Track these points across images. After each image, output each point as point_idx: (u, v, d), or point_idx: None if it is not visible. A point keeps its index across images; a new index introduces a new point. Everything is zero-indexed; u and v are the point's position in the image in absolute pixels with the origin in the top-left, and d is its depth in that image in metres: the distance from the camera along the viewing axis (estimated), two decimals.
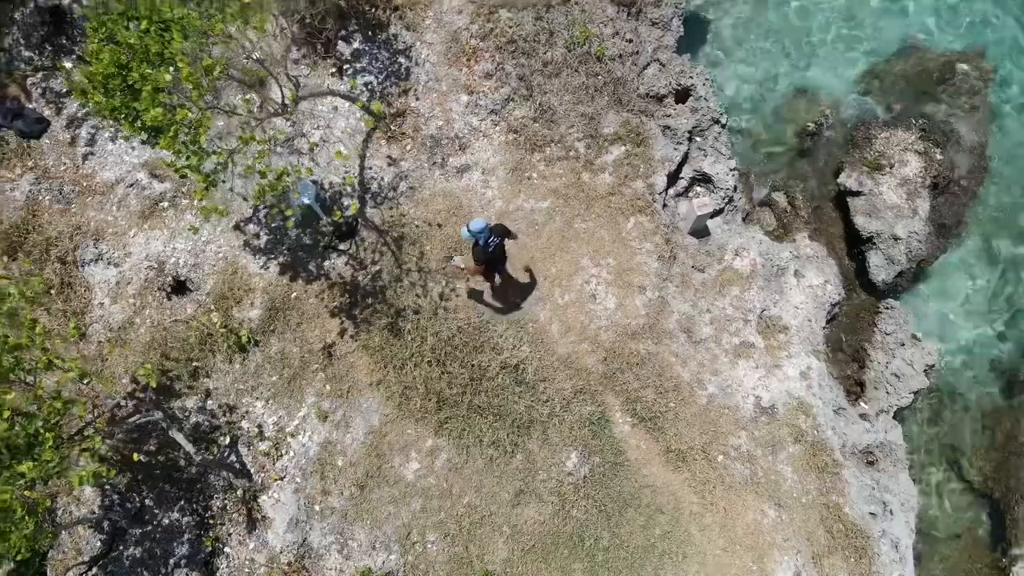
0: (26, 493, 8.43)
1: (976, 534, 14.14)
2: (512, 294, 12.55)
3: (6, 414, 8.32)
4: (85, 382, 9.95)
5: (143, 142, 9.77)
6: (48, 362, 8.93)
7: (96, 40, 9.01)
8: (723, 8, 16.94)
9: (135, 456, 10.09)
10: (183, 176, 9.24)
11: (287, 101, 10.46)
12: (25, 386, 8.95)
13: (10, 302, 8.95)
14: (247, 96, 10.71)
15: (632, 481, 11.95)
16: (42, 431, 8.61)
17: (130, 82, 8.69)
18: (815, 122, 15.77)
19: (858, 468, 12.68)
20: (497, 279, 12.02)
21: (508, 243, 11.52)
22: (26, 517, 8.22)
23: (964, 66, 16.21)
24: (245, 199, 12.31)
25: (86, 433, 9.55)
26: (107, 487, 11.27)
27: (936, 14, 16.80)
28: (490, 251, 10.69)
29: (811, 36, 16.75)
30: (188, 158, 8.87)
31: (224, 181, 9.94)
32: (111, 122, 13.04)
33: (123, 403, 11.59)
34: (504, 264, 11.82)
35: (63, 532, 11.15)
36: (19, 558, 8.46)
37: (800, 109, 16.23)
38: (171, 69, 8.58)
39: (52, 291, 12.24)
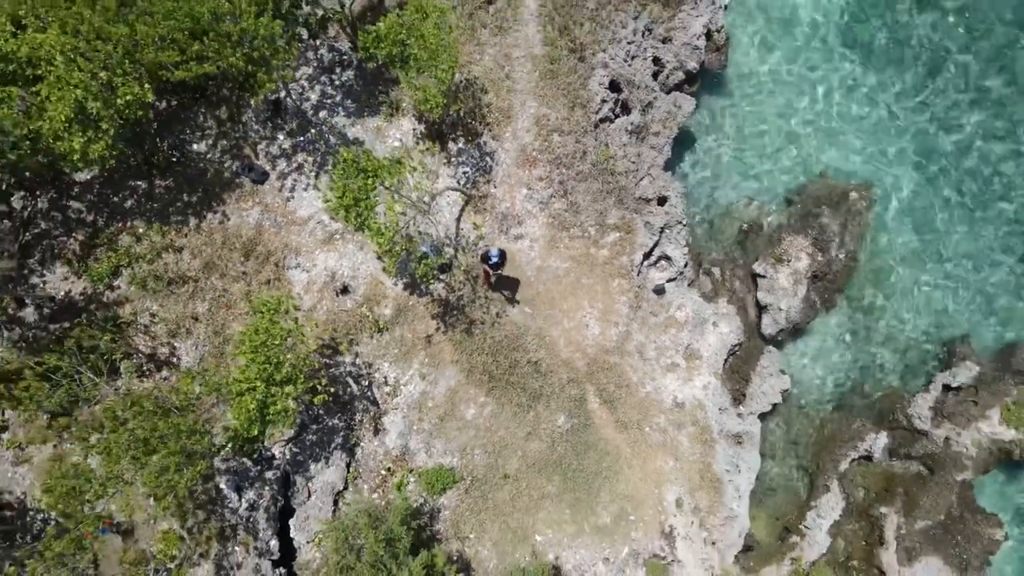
0: (288, 403, 16.34)
1: (797, 491, 22.25)
2: (508, 284, 20.06)
3: (287, 366, 16.12)
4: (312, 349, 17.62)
5: (354, 228, 17.07)
6: (302, 340, 16.73)
7: (339, 180, 16.29)
8: (703, 130, 23.80)
9: (331, 390, 17.95)
10: (380, 258, 16.68)
11: (429, 205, 17.76)
12: (283, 351, 16.70)
13: (285, 304, 16.68)
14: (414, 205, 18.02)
15: (594, 435, 19.91)
16: (298, 376, 16.45)
17: (360, 207, 16.05)
18: (750, 222, 22.96)
19: (727, 444, 20.65)
20: (494, 277, 19.35)
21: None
22: (291, 417, 16.16)
23: (854, 194, 23.21)
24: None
25: (304, 377, 17.38)
26: (299, 399, 19.16)
27: (848, 154, 23.64)
28: (494, 261, 18.24)
29: (760, 156, 23.67)
30: (387, 251, 16.28)
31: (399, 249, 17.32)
32: (305, 178, 20.54)
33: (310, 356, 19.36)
34: (503, 267, 18.89)
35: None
36: (286, 429, 16.44)
37: (743, 210, 23.38)
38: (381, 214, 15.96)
39: (270, 283, 19.90)
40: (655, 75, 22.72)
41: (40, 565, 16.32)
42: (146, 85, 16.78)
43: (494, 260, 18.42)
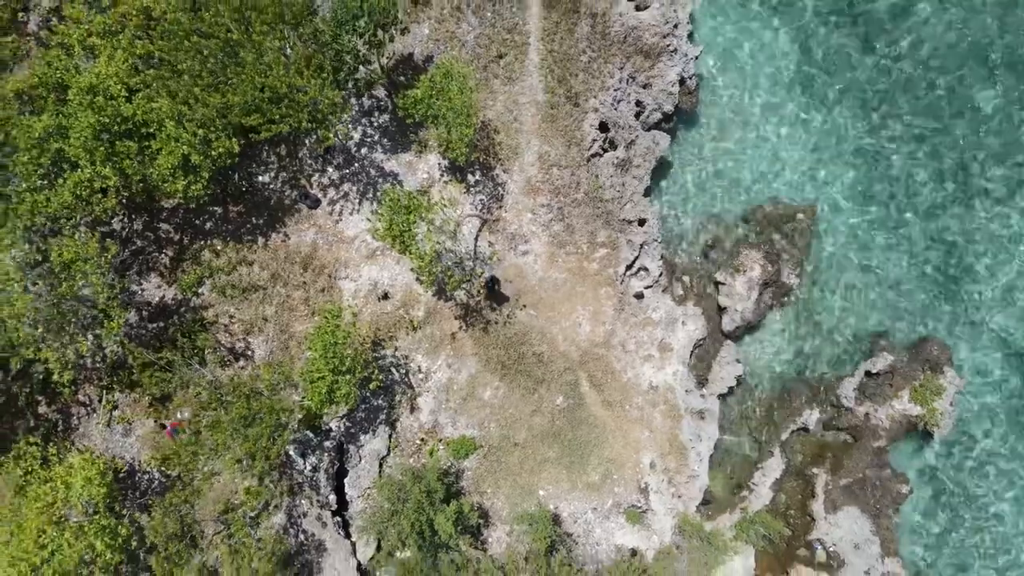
0: (351, 387, 20.70)
1: (747, 456, 26.98)
2: (501, 298, 24.34)
3: (349, 359, 20.48)
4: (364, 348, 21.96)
5: (399, 252, 21.29)
6: (358, 339, 21.07)
7: (387, 215, 20.49)
8: (676, 161, 28.00)
9: (381, 377, 22.37)
10: (413, 271, 20.91)
11: (455, 231, 22.00)
12: (345, 348, 21.03)
13: (346, 314, 20.98)
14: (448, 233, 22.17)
15: (586, 412, 24.45)
16: (356, 367, 20.82)
17: (404, 240, 20.26)
18: (713, 238, 27.35)
19: (692, 419, 25.28)
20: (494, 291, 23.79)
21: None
22: (352, 399, 20.55)
23: (801, 215, 27.56)
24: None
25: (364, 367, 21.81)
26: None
27: (796, 180, 27.96)
28: (489, 283, 22.68)
29: (722, 182, 27.94)
30: (427, 272, 20.53)
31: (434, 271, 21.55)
32: (351, 204, 24.62)
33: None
34: (498, 287, 23.50)
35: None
36: (346, 406, 20.89)
37: (708, 229, 27.74)
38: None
39: (324, 291, 24.16)
40: (637, 115, 26.80)
41: (158, 513, 20.90)
42: (233, 139, 20.85)
43: (484, 281, 23.03)
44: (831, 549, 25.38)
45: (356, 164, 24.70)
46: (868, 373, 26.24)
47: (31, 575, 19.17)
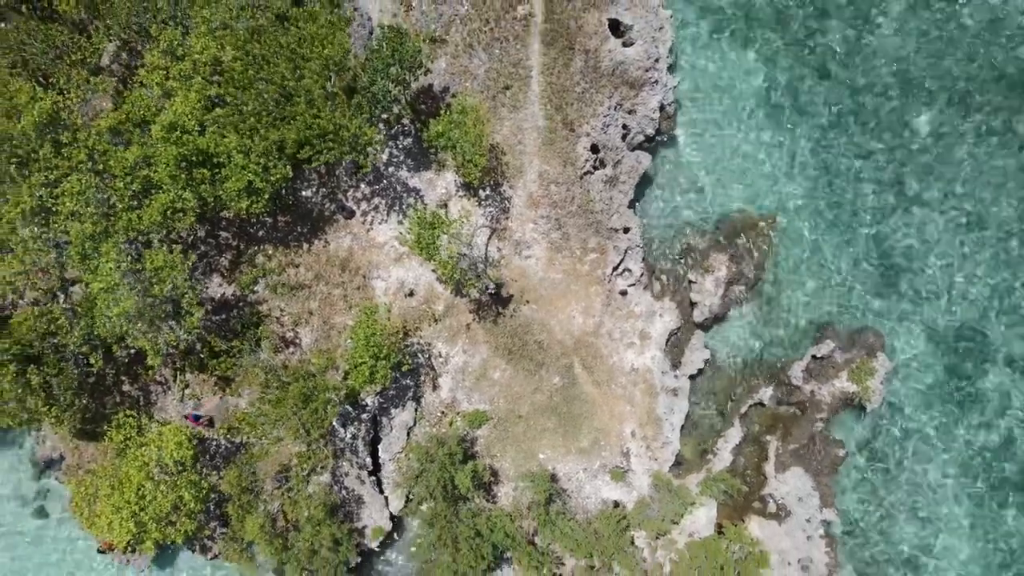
0: (387, 370, 25.07)
1: (713, 426, 31.63)
2: (501, 299, 28.65)
3: (386, 348, 24.80)
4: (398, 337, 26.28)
5: (425, 259, 25.46)
6: (392, 331, 25.38)
7: (415, 229, 24.63)
8: (657, 177, 32.07)
9: (409, 361, 26.75)
10: (434, 273, 25.12)
11: (471, 241, 26.16)
12: (382, 338, 25.33)
13: (382, 310, 25.26)
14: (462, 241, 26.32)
15: (578, 390, 28.93)
16: (391, 353, 25.15)
17: (429, 251, 24.41)
18: (689, 243, 31.64)
19: (666, 395, 29.85)
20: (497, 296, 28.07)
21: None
22: (388, 379, 24.94)
23: (762, 223, 31.83)
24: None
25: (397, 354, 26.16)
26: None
27: (759, 193, 32.15)
28: (490, 290, 26.95)
29: (696, 195, 32.07)
30: (449, 276, 24.72)
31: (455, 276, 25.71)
32: (381, 215, 28.68)
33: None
34: (497, 291, 27.79)
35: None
36: (382, 385, 25.34)
37: (685, 234, 31.97)
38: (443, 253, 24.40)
39: (359, 289, 28.37)
40: (623, 138, 30.78)
41: (233, 471, 25.33)
42: (288, 167, 24.80)
43: (488, 290, 27.24)
44: (780, 502, 30.26)
45: (384, 181, 28.67)
46: (814, 357, 30.81)
47: (131, 520, 23.67)
